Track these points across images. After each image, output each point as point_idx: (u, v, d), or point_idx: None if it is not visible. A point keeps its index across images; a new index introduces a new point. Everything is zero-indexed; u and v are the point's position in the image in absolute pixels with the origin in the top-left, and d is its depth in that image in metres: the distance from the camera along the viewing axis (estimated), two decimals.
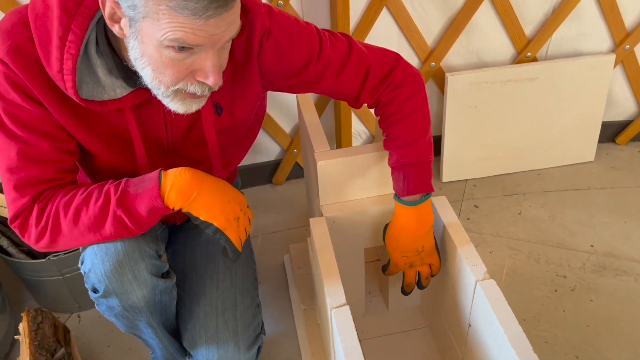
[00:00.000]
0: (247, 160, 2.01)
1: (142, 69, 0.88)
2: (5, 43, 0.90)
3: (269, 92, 1.21)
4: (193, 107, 0.94)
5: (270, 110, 1.90)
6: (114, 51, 0.93)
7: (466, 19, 1.80)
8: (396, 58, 1.14)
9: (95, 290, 1.05)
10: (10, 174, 0.96)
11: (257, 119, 1.22)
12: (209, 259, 1.24)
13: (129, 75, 0.94)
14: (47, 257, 1.50)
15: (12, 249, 1.54)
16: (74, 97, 0.91)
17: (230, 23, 0.84)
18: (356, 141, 2.05)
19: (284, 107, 1.92)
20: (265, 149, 2.01)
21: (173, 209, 0.98)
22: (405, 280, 1.25)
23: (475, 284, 1.08)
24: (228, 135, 1.14)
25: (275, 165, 2.06)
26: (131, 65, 0.91)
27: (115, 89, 0.95)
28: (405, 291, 1.27)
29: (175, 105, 0.93)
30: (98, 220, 0.97)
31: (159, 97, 0.92)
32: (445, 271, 1.25)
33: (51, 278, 1.56)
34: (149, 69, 0.88)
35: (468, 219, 1.89)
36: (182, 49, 0.84)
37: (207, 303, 1.19)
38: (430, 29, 1.84)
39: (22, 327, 1.35)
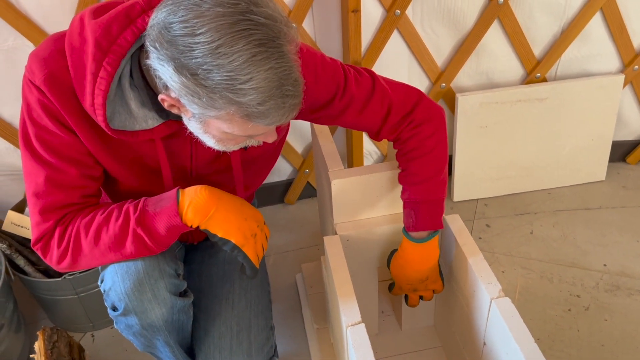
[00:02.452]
0: None
1: (202, 137, 0.93)
2: (42, 71, 0.93)
3: None
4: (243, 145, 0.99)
5: None
6: (147, 84, 0.95)
7: (476, 41, 1.83)
8: (419, 96, 1.15)
9: (114, 309, 1.06)
10: (36, 199, 0.98)
11: (279, 145, 1.25)
12: (224, 279, 1.25)
13: (161, 107, 0.94)
14: (63, 276, 1.51)
15: (28, 268, 1.55)
16: (105, 129, 0.94)
17: None
18: (367, 161, 2.07)
19: (296, 127, 1.94)
20: (277, 168, 2.03)
21: (191, 227, 0.99)
22: (409, 302, 1.29)
23: (491, 302, 1.08)
24: (252, 165, 1.17)
25: (287, 185, 2.08)
26: None
27: (147, 120, 0.97)
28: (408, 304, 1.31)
29: (231, 148, 0.97)
30: (118, 239, 0.98)
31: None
32: (459, 289, 1.25)
33: (66, 297, 1.57)
34: (212, 141, 0.92)
35: (480, 238, 1.89)
36: (248, 136, 0.90)
37: (222, 323, 1.20)
38: (440, 50, 1.86)
39: (38, 345, 1.36)
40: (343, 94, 1.10)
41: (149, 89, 0.95)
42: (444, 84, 1.91)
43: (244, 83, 0.78)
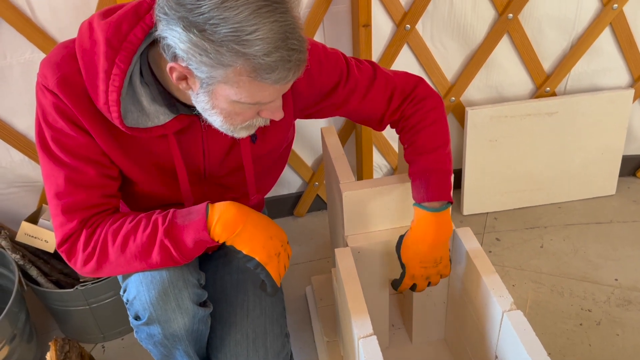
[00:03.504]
0: (269, 192, 2.04)
1: (211, 116, 0.94)
2: (54, 75, 0.95)
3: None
4: (252, 130, 1.01)
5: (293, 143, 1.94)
6: (157, 80, 0.98)
7: (485, 55, 1.84)
8: (419, 78, 1.20)
9: (137, 318, 1.07)
10: (58, 199, 1.00)
11: (288, 145, 1.26)
12: (238, 288, 1.26)
13: (172, 102, 0.99)
14: (75, 287, 1.53)
15: (41, 279, 1.56)
16: (119, 126, 0.96)
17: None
18: (377, 174, 2.07)
19: (306, 140, 1.95)
20: (287, 181, 2.04)
21: (218, 242, 1.00)
22: (417, 289, 1.22)
23: (502, 315, 1.08)
24: (262, 162, 1.18)
25: (296, 198, 2.09)
26: (174, 93, 0.98)
27: (159, 115, 0.99)
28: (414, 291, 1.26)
29: (240, 134, 0.99)
30: (145, 248, 0.99)
31: (225, 132, 0.98)
32: (470, 302, 1.25)
33: (78, 308, 1.58)
34: (219, 117, 0.94)
35: (490, 251, 1.89)
36: (255, 103, 0.91)
37: (237, 331, 1.20)
38: (450, 64, 1.88)
39: (50, 356, 1.36)
40: (347, 80, 1.13)
41: (158, 84, 0.98)
42: (453, 98, 1.92)
43: (250, 34, 0.80)
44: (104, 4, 1.51)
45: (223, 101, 0.91)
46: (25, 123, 1.63)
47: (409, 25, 1.73)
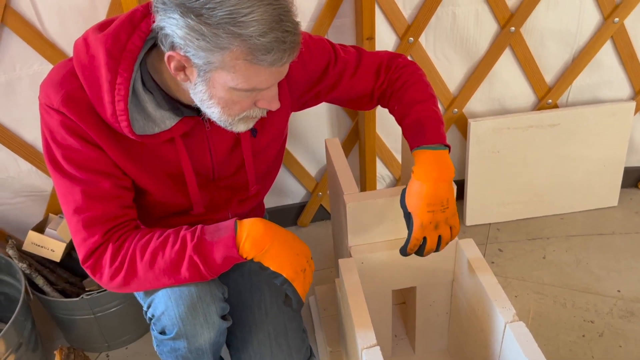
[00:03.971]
0: (273, 202, 2.06)
1: (209, 107, 0.96)
2: (58, 93, 0.97)
3: (294, 130, 1.27)
4: (250, 124, 1.03)
5: (296, 153, 1.96)
6: (158, 86, 1.01)
7: (488, 68, 1.86)
8: (399, 54, 1.27)
9: (163, 333, 1.08)
10: (78, 215, 1.00)
11: (284, 141, 1.30)
12: (253, 289, 1.27)
13: (175, 105, 1.02)
14: (81, 296, 1.54)
15: (47, 288, 1.58)
16: (129, 135, 0.98)
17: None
18: (380, 185, 2.09)
19: (310, 150, 1.97)
20: (290, 191, 2.06)
21: (246, 258, 1.01)
22: (427, 245, 1.13)
23: (505, 326, 1.09)
24: (262, 157, 1.21)
25: (300, 208, 2.10)
26: (176, 95, 1.00)
27: (164, 120, 1.01)
28: (422, 254, 1.17)
29: (238, 128, 1.01)
30: (174, 264, 1.00)
31: (222, 125, 1.00)
32: (473, 313, 1.26)
33: (83, 317, 1.59)
34: (217, 108, 0.96)
35: (493, 262, 1.90)
36: (252, 89, 0.92)
37: (258, 330, 1.22)
38: (453, 76, 1.89)
39: None
40: (336, 61, 1.19)
41: (160, 89, 1.00)
42: (456, 110, 1.94)
43: (245, 16, 0.83)
44: (113, 16, 1.53)
45: (220, 89, 0.92)
46: (33, 134, 1.65)
47: (412, 38, 1.75)
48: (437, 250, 1.15)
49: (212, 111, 0.97)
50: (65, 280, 1.67)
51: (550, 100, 1.95)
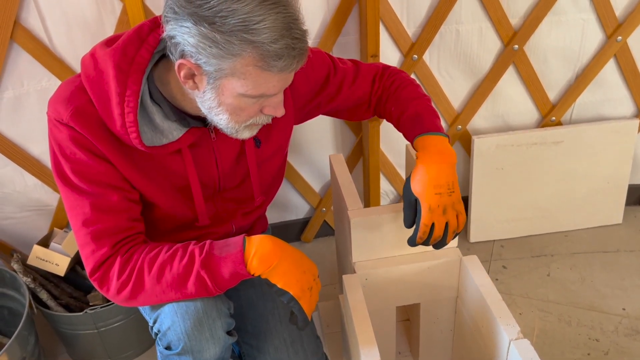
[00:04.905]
0: (277, 217, 2.07)
1: (217, 115, 0.98)
2: (67, 108, 0.98)
3: (298, 146, 1.27)
4: (255, 131, 1.05)
5: (300, 169, 1.97)
6: (165, 98, 1.03)
7: (491, 85, 1.87)
8: (389, 65, 1.34)
9: (169, 348, 1.08)
10: (86, 228, 1.01)
11: (285, 156, 1.31)
12: (265, 298, 1.28)
13: (182, 116, 1.04)
14: (85, 311, 1.54)
15: (51, 302, 1.58)
16: (138, 146, 0.99)
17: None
18: (384, 200, 2.09)
19: (314, 166, 1.98)
20: (294, 207, 2.06)
21: (253, 275, 1.01)
22: (435, 232, 1.12)
23: (509, 344, 1.09)
24: (266, 167, 1.22)
25: (304, 223, 2.11)
26: (182, 105, 1.02)
27: (172, 131, 1.03)
28: (431, 243, 1.15)
29: (243, 135, 1.03)
30: (182, 278, 1.00)
31: (228, 133, 1.01)
32: (477, 330, 1.25)
33: (86, 331, 1.59)
34: (225, 115, 0.97)
35: (497, 279, 1.89)
36: (260, 95, 0.94)
37: (274, 337, 1.23)
38: (456, 93, 1.91)
39: None
40: (335, 71, 1.24)
41: (167, 101, 1.03)
42: (460, 126, 1.95)
43: (257, 23, 0.86)
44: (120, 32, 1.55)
45: (229, 96, 0.94)
46: (40, 148, 1.66)
47: (416, 56, 1.77)
48: (443, 241, 1.13)
49: (220, 118, 0.98)
50: (69, 294, 1.67)
51: (553, 118, 1.96)
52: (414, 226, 1.13)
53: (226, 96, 0.94)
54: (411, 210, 1.13)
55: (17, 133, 1.62)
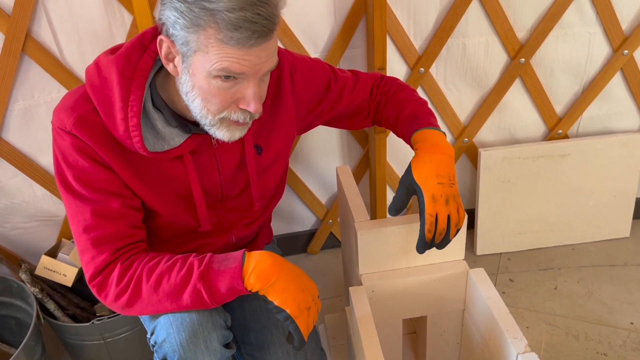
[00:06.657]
0: (283, 229, 2.07)
1: (192, 101, 0.98)
2: (70, 116, 1.00)
3: (305, 158, 1.28)
4: (236, 134, 1.03)
5: (307, 180, 1.97)
6: (166, 105, 1.05)
7: (498, 98, 1.88)
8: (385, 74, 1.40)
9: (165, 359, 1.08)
10: (87, 234, 1.02)
11: (287, 166, 1.32)
12: (269, 310, 1.27)
13: (184, 123, 1.06)
14: (91, 322, 1.54)
15: (58, 313, 1.58)
16: (140, 150, 1.00)
17: (270, 54, 0.95)
18: None
19: (320, 178, 1.98)
20: (301, 218, 2.07)
21: (250, 291, 1.01)
22: (439, 224, 1.10)
23: (517, 357, 1.08)
24: (267, 175, 1.23)
25: (310, 235, 2.11)
26: (183, 112, 1.04)
27: (173, 137, 1.05)
28: (434, 243, 1.13)
29: (221, 133, 1.02)
30: (178, 289, 1.00)
31: (207, 128, 1.02)
32: (484, 343, 1.25)
33: (93, 342, 1.59)
34: (198, 100, 0.98)
35: (503, 292, 1.89)
36: (227, 78, 0.94)
37: (278, 349, 1.22)
38: (463, 106, 1.91)
39: None
40: (336, 79, 1.28)
41: (168, 108, 1.04)
42: (466, 139, 1.95)
43: None
44: None
45: (200, 76, 0.94)
46: (49, 159, 1.67)
47: (422, 69, 1.78)
48: (447, 238, 1.12)
49: (195, 105, 0.98)
50: (76, 305, 1.68)
51: (560, 131, 1.96)
52: (419, 230, 1.11)
53: (197, 77, 0.95)
54: (404, 198, 1.12)
55: (27, 144, 1.64)
